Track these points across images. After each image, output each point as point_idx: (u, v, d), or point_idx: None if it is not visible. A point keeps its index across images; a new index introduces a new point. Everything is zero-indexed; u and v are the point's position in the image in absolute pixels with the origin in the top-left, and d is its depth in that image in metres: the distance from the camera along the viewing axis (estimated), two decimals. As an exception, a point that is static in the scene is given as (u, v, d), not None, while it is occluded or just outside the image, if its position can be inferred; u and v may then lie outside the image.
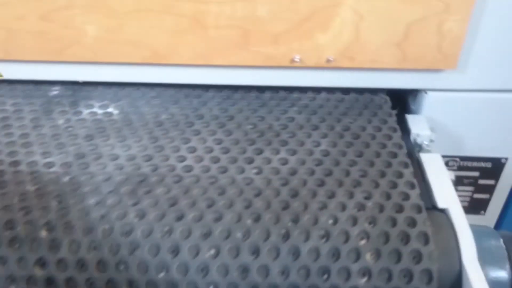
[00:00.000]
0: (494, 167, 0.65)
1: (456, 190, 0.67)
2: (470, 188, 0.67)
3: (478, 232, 0.45)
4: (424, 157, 0.53)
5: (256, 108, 0.57)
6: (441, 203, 0.47)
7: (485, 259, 0.44)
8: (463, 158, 0.64)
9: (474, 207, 0.69)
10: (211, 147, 0.51)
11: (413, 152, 0.55)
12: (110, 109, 0.57)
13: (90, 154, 0.50)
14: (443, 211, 0.47)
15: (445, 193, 0.48)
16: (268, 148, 0.51)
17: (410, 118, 0.58)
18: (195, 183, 0.47)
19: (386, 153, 0.50)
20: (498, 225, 0.71)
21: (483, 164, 0.65)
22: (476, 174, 0.66)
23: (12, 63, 0.57)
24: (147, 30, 0.53)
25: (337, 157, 0.50)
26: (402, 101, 0.63)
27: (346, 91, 0.59)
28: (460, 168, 0.65)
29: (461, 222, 0.45)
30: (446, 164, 0.65)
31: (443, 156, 0.64)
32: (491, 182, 0.66)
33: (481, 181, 0.66)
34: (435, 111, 0.59)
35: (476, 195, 0.68)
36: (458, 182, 0.67)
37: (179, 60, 0.55)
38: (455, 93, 0.58)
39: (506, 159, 0.64)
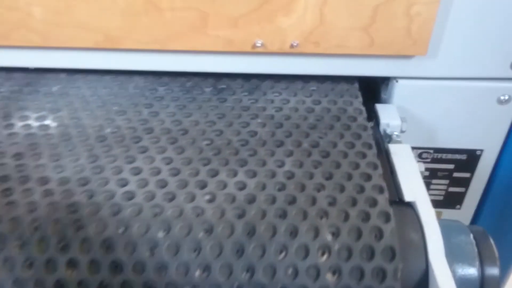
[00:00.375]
0: (469, 159, 0.62)
1: (431, 183, 0.65)
2: (445, 181, 0.65)
3: (446, 227, 0.42)
4: (392, 148, 0.50)
5: (214, 120, 0.51)
6: (408, 196, 0.44)
7: (454, 255, 0.41)
8: (437, 150, 0.62)
9: (449, 201, 0.67)
10: (158, 167, 0.45)
11: (382, 143, 0.52)
12: (47, 121, 0.50)
13: (16, 177, 0.43)
14: (410, 205, 0.44)
15: (413, 185, 0.45)
16: (224, 169, 0.45)
17: (380, 108, 0.56)
18: (136, 216, 0.40)
19: (359, 175, 0.44)
20: (475, 219, 0.69)
21: (458, 156, 0.62)
22: (451, 166, 0.63)
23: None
24: (98, 12, 0.49)
25: (303, 180, 0.44)
26: (374, 90, 0.60)
27: (317, 101, 0.54)
28: (435, 161, 0.63)
29: (429, 216, 0.42)
30: (420, 156, 0.62)
31: (417, 148, 0.62)
32: (467, 175, 0.64)
33: (456, 174, 0.64)
34: (406, 100, 0.56)
35: (452, 189, 0.65)
36: (432, 175, 0.64)
37: (134, 44, 0.51)
38: (426, 81, 0.55)
39: (481, 150, 0.61)
